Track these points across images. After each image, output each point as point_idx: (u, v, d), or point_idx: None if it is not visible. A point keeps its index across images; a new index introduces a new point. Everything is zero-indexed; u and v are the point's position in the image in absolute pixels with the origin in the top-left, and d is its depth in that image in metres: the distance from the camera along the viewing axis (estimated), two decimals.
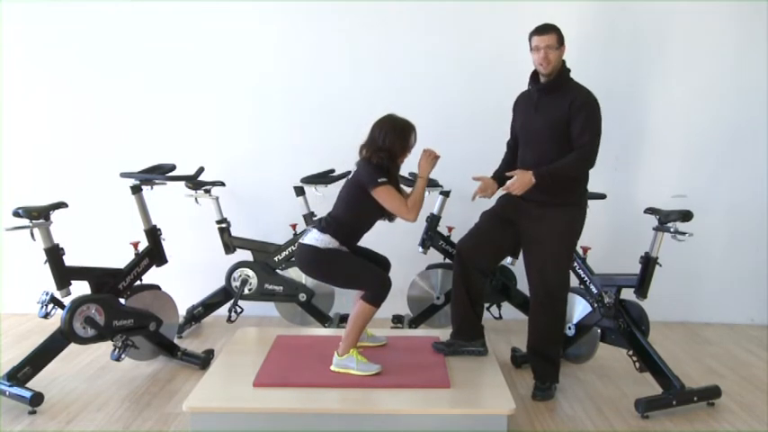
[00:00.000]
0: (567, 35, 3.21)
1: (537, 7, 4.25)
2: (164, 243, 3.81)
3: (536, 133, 3.22)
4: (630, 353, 3.38)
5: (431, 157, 3.20)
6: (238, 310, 4.12)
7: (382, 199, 3.08)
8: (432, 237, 4.18)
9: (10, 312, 4.64)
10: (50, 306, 3.28)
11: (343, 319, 4.23)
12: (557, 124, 3.15)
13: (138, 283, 3.65)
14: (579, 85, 3.22)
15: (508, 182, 3.18)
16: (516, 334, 4.21)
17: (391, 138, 3.11)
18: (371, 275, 3.13)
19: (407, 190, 3.29)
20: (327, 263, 3.13)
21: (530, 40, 3.21)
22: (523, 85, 3.39)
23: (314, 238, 3.15)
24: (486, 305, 4.08)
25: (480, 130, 3.77)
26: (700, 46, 4.47)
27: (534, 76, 3.27)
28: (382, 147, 3.11)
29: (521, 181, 3.11)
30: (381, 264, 3.31)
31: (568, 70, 3.23)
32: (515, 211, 3.30)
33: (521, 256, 3.55)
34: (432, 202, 4.18)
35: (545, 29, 3.16)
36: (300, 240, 3.23)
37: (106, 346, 3.58)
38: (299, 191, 4.20)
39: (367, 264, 3.19)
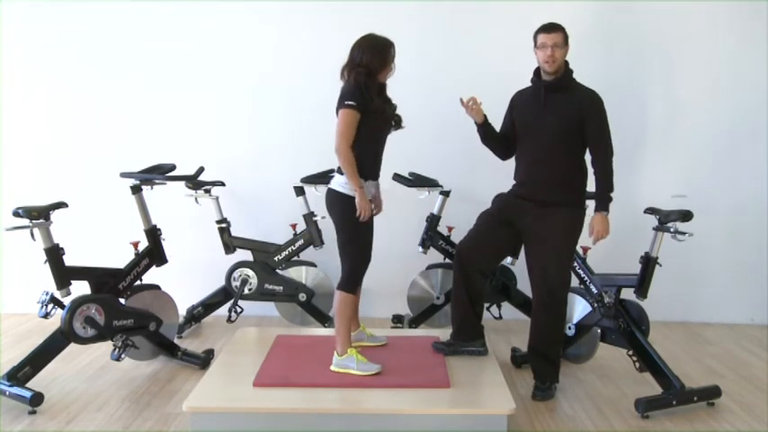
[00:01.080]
0: (568, 35, 3.21)
1: (537, 7, 4.25)
2: (164, 243, 3.81)
3: (544, 131, 3.21)
4: (630, 353, 3.38)
5: (366, 209, 3.05)
6: (238, 310, 4.12)
7: (338, 120, 3.03)
8: (432, 237, 4.18)
9: (10, 312, 4.64)
10: (50, 306, 3.28)
11: None
12: (567, 123, 3.17)
13: (138, 282, 3.65)
14: (582, 85, 3.24)
15: (593, 235, 3.22)
16: (516, 334, 4.21)
17: (368, 54, 3.08)
18: (357, 255, 3.11)
19: (407, 190, 3.26)
20: (347, 212, 3.07)
21: (535, 37, 3.21)
22: (522, 85, 3.38)
23: (339, 182, 3.11)
24: (487, 305, 4.08)
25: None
26: (700, 46, 4.47)
27: (537, 73, 3.27)
28: (360, 63, 3.07)
29: (601, 226, 3.21)
30: None
31: (571, 70, 3.23)
32: (515, 211, 3.30)
33: (521, 256, 3.56)
34: (432, 202, 4.18)
35: (552, 27, 3.17)
36: (329, 185, 3.18)
37: (106, 346, 3.58)
38: (299, 191, 4.20)
39: (365, 244, 3.14)
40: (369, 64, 3.07)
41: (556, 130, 3.18)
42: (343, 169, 3.05)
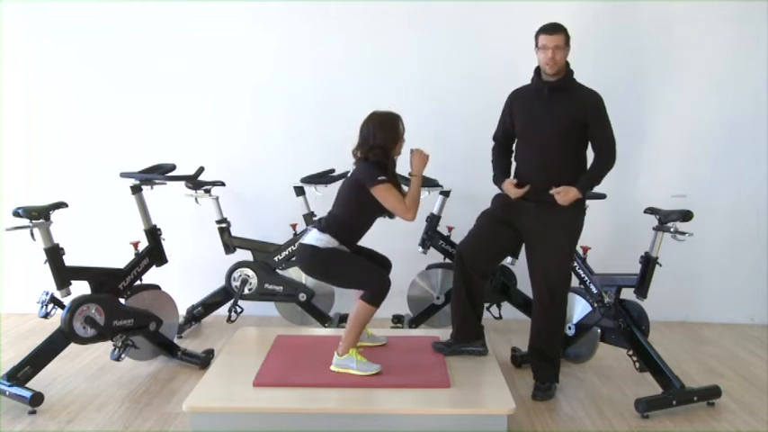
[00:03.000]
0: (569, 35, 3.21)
1: (536, 7, 4.25)
2: (164, 243, 3.81)
3: (545, 131, 3.20)
4: (630, 353, 3.38)
5: (422, 155, 3.21)
6: (238, 309, 4.13)
7: (382, 197, 3.08)
8: (432, 237, 4.18)
9: (10, 312, 4.64)
10: (50, 306, 3.28)
11: (343, 318, 4.24)
12: (568, 123, 3.17)
13: (138, 282, 3.66)
14: (583, 85, 3.24)
15: (556, 190, 3.15)
16: (516, 334, 4.21)
17: (381, 133, 3.12)
18: (371, 275, 3.13)
19: (405, 189, 3.28)
20: (327, 262, 3.14)
21: (536, 38, 3.20)
22: (522, 84, 3.38)
23: (314, 237, 3.15)
24: (487, 305, 4.08)
25: (479, 130, 3.77)
26: (700, 46, 4.46)
27: (537, 72, 3.26)
28: (374, 144, 3.12)
29: (566, 197, 3.15)
30: (382, 263, 3.32)
31: (572, 71, 3.23)
32: (515, 211, 3.30)
33: (521, 255, 3.56)
34: (432, 201, 4.18)
35: (554, 29, 3.15)
36: (301, 240, 3.23)
37: (106, 346, 3.58)
38: (299, 191, 4.20)
39: (367, 263, 3.20)
40: (382, 143, 3.12)
41: (557, 131, 3.18)
42: (415, 208, 3.12)
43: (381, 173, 3.08)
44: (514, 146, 3.41)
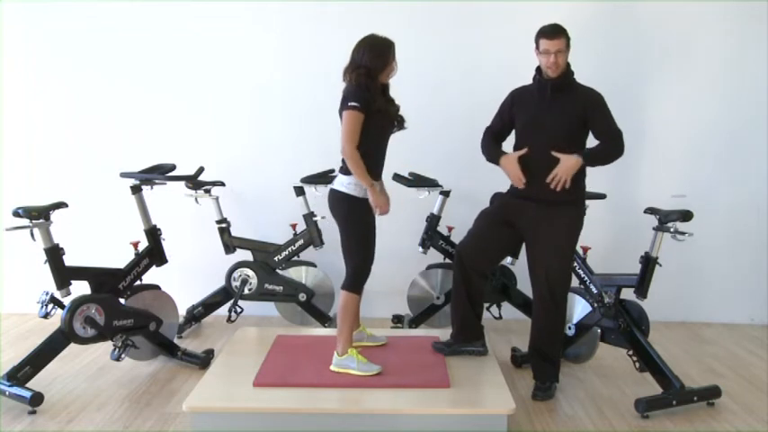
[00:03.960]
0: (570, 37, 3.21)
1: (536, 7, 4.25)
2: (164, 243, 3.81)
3: (546, 131, 3.20)
4: (630, 353, 3.38)
5: (384, 205, 3.12)
6: (238, 309, 4.13)
7: (343, 121, 3.03)
8: (432, 237, 4.18)
9: (10, 312, 4.64)
10: (50, 306, 3.28)
11: None
12: (569, 122, 3.17)
13: (138, 282, 3.65)
14: (582, 85, 3.25)
15: (553, 172, 3.10)
16: (516, 334, 4.21)
17: (369, 55, 3.08)
18: (361, 253, 3.13)
19: (406, 190, 3.27)
20: (351, 212, 3.11)
21: (537, 40, 3.19)
22: (521, 82, 3.37)
23: (342, 182, 3.13)
24: (486, 305, 4.08)
25: (480, 130, 3.77)
26: (700, 46, 4.46)
27: (539, 71, 3.26)
28: (361, 64, 3.08)
29: (566, 166, 3.09)
30: None
31: (572, 71, 3.23)
32: (516, 211, 3.30)
33: (521, 255, 3.56)
34: (432, 202, 4.18)
35: (555, 33, 3.13)
36: (331, 186, 3.19)
37: (106, 346, 3.58)
38: (299, 191, 4.19)
39: (369, 243, 3.16)
40: (369, 64, 3.07)
41: (558, 130, 3.18)
42: (352, 170, 3.05)
43: (358, 98, 3.01)
44: (513, 145, 3.40)
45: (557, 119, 3.18)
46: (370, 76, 3.07)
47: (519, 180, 3.21)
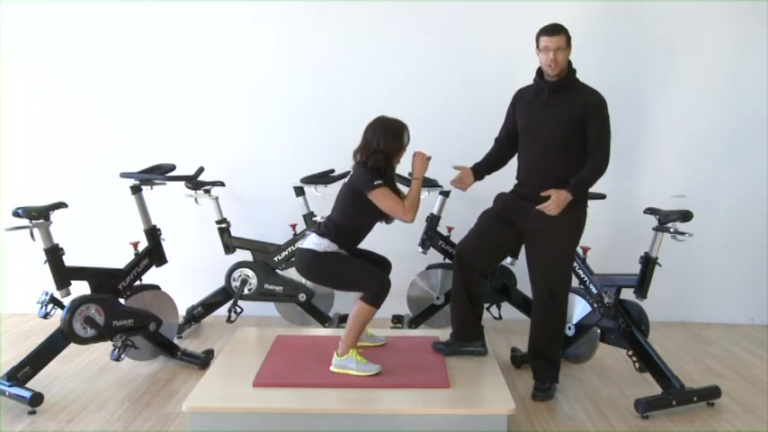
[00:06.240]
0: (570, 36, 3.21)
1: (536, 7, 4.25)
2: (164, 243, 3.81)
3: (546, 132, 3.20)
4: (630, 353, 3.38)
5: (424, 158, 3.21)
6: (238, 310, 4.13)
7: (379, 201, 3.08)
8: (431, 237, 4.18)
9: (10, 312, 4.64)
10: (50, 306, 3.28)
11: (342, 319, 4.24)
12: (570, 123, 3.16)
13: (137, 283, 3.65)
14: (586, 85, 3.23)
15: (545, 203, 3.12)
16: (516, 334, 4.21)
17: (385, 139, 3.11)
18: (370, 277, 3.13)
19: (405, 190, 3.28)
20: (326, 266, 3.15)
21: (537, 39, 3.19)
22: (521, 84, 3.38)
23: (313, 242, 3.15)
24: (486, 305, 4.08)
25: (478, 130, 3.78)
26: (700, 46, 4.46)
27: (540, 72, 3.25)
28: (377, 149, 3.11)
29: (557, 201, 3.11)
30: (382, 264, 3.31)
31: (574, 70, 3.23)
32: (516, 211, 3.30)
33: (521, 256, 3.56)
34: (431, 202, 4.18)
35: (555, 30, 3.14)
36: (299, 245, 3.23)
37: (106, 346, 3.58)
38: (299, 191, 4.20)
39: (366, 265, 3.20)
40: (385, 149, 3.11)
41: (558, 131, 3.18)
42: (414, 211, 3.12)
43: (378, 177, 3.08)
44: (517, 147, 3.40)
45: (556, 120, 3.17)
46: (387, 160, 3.12)
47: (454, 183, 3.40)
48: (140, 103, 4.56)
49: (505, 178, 3.44)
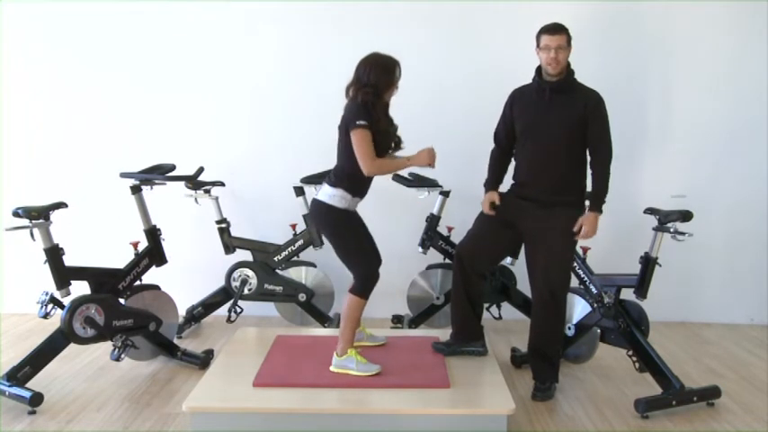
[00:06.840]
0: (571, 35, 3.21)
1: (536, 6, 4.25)
2: (163, 243, 3.81)
3: (548, 132, 3.19)
4: (630, 353, 3.38)
5: (431, 153, 3.11)
6: (238, 310, 4.13)
7: (355, 141, 3.00)
8: (431, 237, 4.17)
9: (10, 312, 4.64)
10: (50, 306, 3.28)
11: None
12: (569, 123, 3.16)
13: (137, 283, 3.65)
14: (584, 85, 3.24)
15: (583, 233, 3.19)
16: (516, 334, 4.21)
17: (375, 73, 3.06)
18: (364, 260, 3.13)
19: (405, 191, 3.27)
20: (337, 224, 3.12)
21: (538, 38, 3.19)
22: (521, 83, 3.37)
23: (327, 194, 3.11)
24: (486, 305, 4.08)
25: (479, 130, 3.79)
26: (700, 46, 4.46)
27: (539, 71, 3.26)
28: (367, 83, 3.06)
29: (591, 226, 3.19)
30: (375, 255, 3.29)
31: (573, 71, 3.23)
32: (516, 212, 3.30)
33: (521, 256, 3.55)
34: (432, 202, 4.18)
35: (556, 29, 3.14)
36: (315, 196, 3.19)
37: (106, 346, 3.58)
38: (299, 191, 4.20)
39: (367, 246, 3.18)
40: (376, 83, 3.06)
41: (558, 131, 3.18)
42: (384, 174, 3.05)
43: (364, 116, 3.00)
44: (515, 147, 3.40)
45: (556, 121, 3.17)
46: (376, 94, 3.06)
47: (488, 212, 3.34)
48: (140, 103, 4.56)
49: (505, 179, 3.44)
